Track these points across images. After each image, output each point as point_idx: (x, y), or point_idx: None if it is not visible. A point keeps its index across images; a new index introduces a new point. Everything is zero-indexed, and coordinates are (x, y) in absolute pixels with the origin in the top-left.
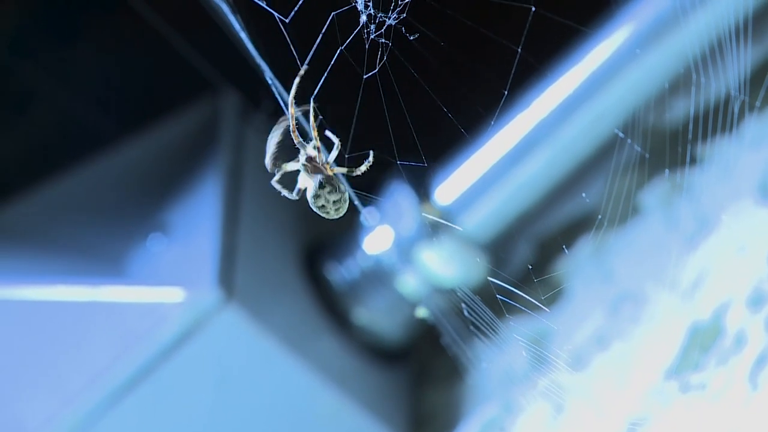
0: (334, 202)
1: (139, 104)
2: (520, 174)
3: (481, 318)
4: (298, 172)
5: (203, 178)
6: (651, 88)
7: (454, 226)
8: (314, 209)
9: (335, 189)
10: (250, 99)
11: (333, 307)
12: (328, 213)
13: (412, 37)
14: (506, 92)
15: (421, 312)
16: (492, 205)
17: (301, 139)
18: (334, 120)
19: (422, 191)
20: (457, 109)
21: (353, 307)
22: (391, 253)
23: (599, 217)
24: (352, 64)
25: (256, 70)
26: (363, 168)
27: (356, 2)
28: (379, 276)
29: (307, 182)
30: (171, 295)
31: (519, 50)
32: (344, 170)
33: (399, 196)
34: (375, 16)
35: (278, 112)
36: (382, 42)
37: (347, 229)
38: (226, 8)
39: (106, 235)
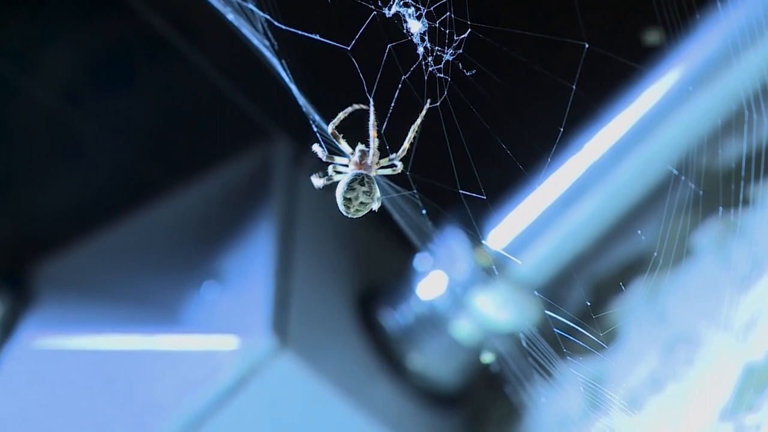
0: (361, 202)
1: (191, 152)
2: (574, 216)
3: (537, 359)
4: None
5: (256, 224)
6: (704, 126)
7: (514, 259)
8: (339, 199)
9: (371, 193)
10: (302, 144)
11: (387, 352)
12: (348, 209)
13: (468, 73)
14: (562, 129)
15: (485, 357)
16: (546, 247)
17: (377, 134)
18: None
19: (476, 235)
20: (514, 145)
21: (408, 352)
22: (445, 298)
23: (653, 258)
24: (411, 95)
25: (306, 114)
26: (399, 164)
27: (412, 35)
28: (433, 321)
29: (345, 174)
30: (225, 342)
31: (573, 87)
32: (387, 171)
33: (452, 240)
34: (432, 50)
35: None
36: (440, 77)
37: (401, 274)
38: (269, 54)
39: (161, 283)
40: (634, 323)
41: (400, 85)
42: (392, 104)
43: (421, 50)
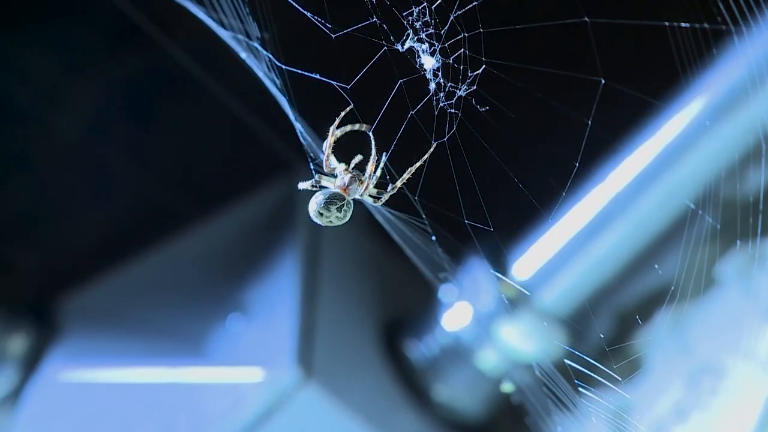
0: (331, 219)
1: (216, 184)
2: (596, 248)
3: (562, 390)
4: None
5: (281, 257)
6: (722, 159)
7: (524, 291)
8: (311, 210)
9: (343, 216)
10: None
11: (413, 383)
12: (319, 218)
13: (482, 109)
14: (577, 165)
15: (506, 387)
16: (570, 279)
17: (374, 169)
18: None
19: (500, 266)
20: (529, 179)
21: (433, 383)
22: (470, 329)
23: (676, 289)
24: (419, 129)
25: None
26: (386, 197)
27: (425, 71)
28: (458, 352)
29: (329, 186)
30: (251, 374)
31: (589, 122)
32: (368, 200)
33: (477, 271)
34: (444, 86)
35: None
36: (451, 112)
37: (426, 305)
38: (276, 91)
39: (186, 316)
40: (658, 354)
41: (406, 121)
42: (395, 140)
43: (433, 86)
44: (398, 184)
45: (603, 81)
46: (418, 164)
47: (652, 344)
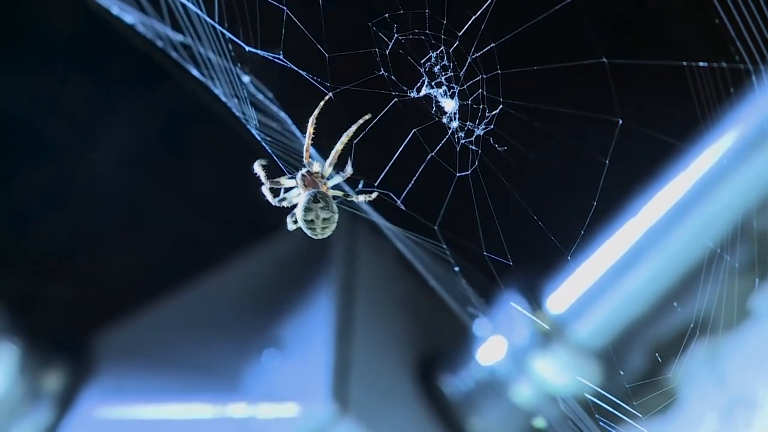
0: (324, 219)
1: (251, 220)
2: (629, 283)
3: (596, 424)
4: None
5: (316, 292)
6: (753, 193)
7: (543, 325)
8: (303, 225)
9: (328, 206)
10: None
11: (448, 417)
12: (314, 230)
13: (500, 149)
14: (595, 203)
15: (538, 423)
16: (603, 312)
17: (311, 157)
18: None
19: (534, 301)
20: (549, 217)
21: (468, 417)
22: (504, 363)
23: (710, 322)
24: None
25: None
26: (362, 197)
27: (441, 117)
28: (492, 386)
29: (300, 197)
30: (286, 410)
31: (606, 162)
32: (340, 193)
33: (511, 306)
34: (463, 127)
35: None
36: (472, 149)
37: (460, 340)
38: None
39: (222, 352)
40: (693, 386)
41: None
42: (415, 177)
43: (454, 124)
44: (338, 146)
45: (621, 121)
46: (355, 127)
47: (686, 377)
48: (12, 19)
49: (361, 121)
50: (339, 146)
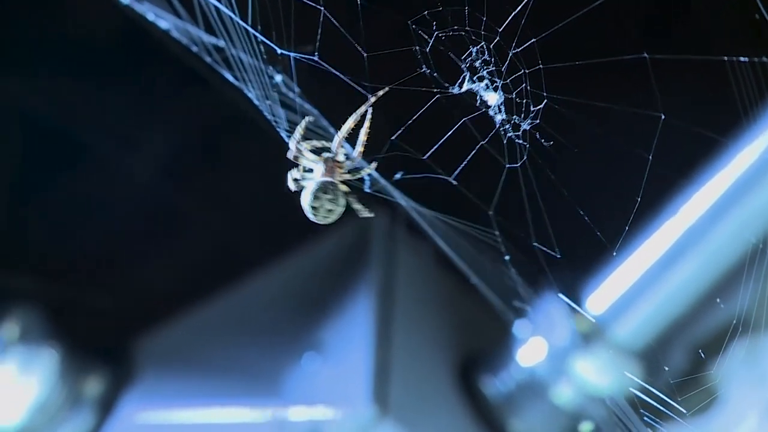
0: (328, 210)
1: (288, 225)
2: (669, 282)
3: (634, 425)
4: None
5: (355, 295)
6: None
7: (587, 315)
8: (306, 207)
9: (335, 200)
10: (397, 215)
11: (488, 419)
12: (316, 216)
13: (546, 144)
14: (639, 199)
15: (585, 426)
16: (644, 312)
17: (344, 141)
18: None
19: (574, 301)
20: (596, 212)
21: (508, 419)
22: (545, 364)
23: (751, 319)
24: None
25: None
26: (373, 165)
27: (488, 108)
28: (533, 387)
29: (312, 182)
30: (327, 413)
31: (650, 158)
32: (348, 177)
33: (551, 306)
34: (509, 120)
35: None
36: (518, 143)
37: (501, 341)
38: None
39: (262, 356)
40: (733, 385)
41: (475, 150)
42: (462, 164)
43: (499, 118)
44: (341, 133)
45: (663, 116)
46: (363, 109)
47: (727, 375)
48: (50, 27)
49: (373, 99)
50: (365, 128)
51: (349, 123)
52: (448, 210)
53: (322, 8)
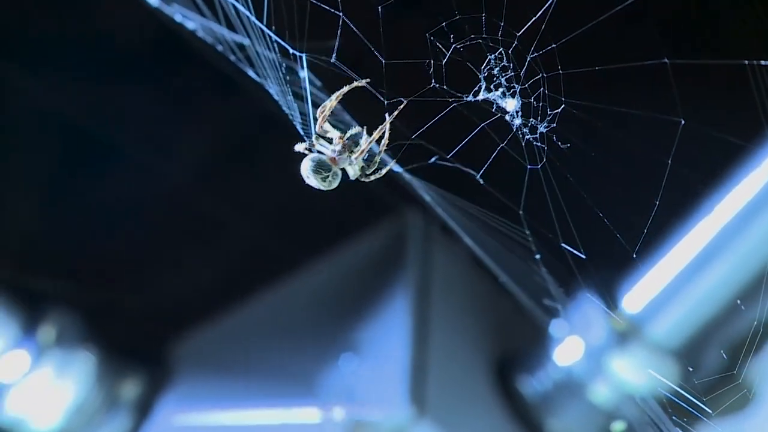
0: (321, 179)
1: (323, 228)
2: (705, 281)
3: (673, 423)
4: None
5: (391, 296)
6: None
7: (614, 316)
8: (304, 171)
9: (326, 181)
10: (432, 216)
11: (526, 419)
12: (306, 178)
13: (563, 146)
14: (657, 202)
15: (617, 426)
16: (681, 311)
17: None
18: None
19: (610, 300)
20: (614, 215)
21: (546, 418)
22: (582, 363)
23: None
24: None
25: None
26: (373, 177)
27: (505, 114)
28: (570, 386)
29: (324, 152)
30: (364, 413)
31: (669, 162)
32: (359, 172)
33: (587, 306)
34: (526, 123)
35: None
36: (537, 145)
37: (537, 341)
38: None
39: (298, 357)
40: (766, 386)
41: (496, 153)
42: (486, 164)
43: (517, 122)
44: (363, 145)
45: (683, 121)
46: (388, 121)
47: (760, 377)
48: (84, 30)
49: (390, 119)
50: (384, 143)
51: (375, 135)
52: (473, 209)
53: (341, 14)
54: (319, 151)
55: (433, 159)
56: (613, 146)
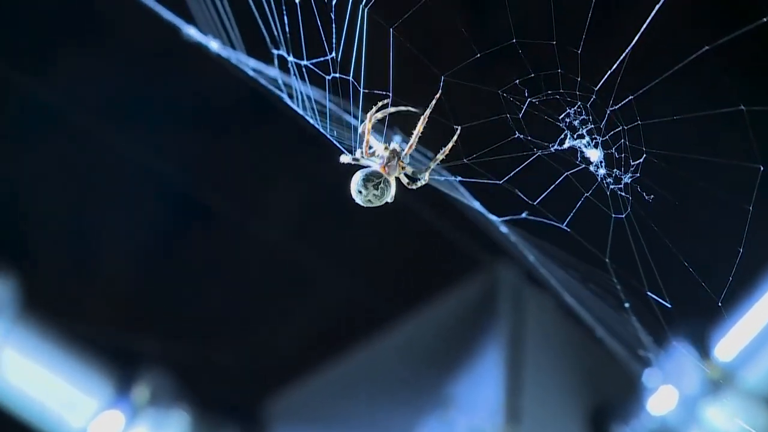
0: (370, 197)
1: (416, 283)
2: None
3: None
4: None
5: (485, 347)
6: None
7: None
8: (352, 189)
9: (380, 194)
10: (524, 267)
11: None
12: (359, 196)
13: (647, 197)
14: (741, 250)
15: None
16: None
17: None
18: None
19: (702, 348)
20: (699, 264)
21: None
22: (675, 412)
23: None
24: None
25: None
26: (420, 183)
27: (589, 165)
28: None
29: (370, 165)
30: None
31: (750, 208)
32: (407, 179)
33: (679, 354)
34: (611, 174)
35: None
36: (621, 195)
37: (630, 390)
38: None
39: (393, 411)
40: None
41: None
42: (572, 213)
43: (602, 172)
44: (431, 164)
45: (761, 168)
46: (450, 144)
47: None
48: (179, 93)
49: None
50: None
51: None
52: (562, 258)
53: (390, 94)
54: (365, 166)
55: (524, 214)
56: (693, 194)
